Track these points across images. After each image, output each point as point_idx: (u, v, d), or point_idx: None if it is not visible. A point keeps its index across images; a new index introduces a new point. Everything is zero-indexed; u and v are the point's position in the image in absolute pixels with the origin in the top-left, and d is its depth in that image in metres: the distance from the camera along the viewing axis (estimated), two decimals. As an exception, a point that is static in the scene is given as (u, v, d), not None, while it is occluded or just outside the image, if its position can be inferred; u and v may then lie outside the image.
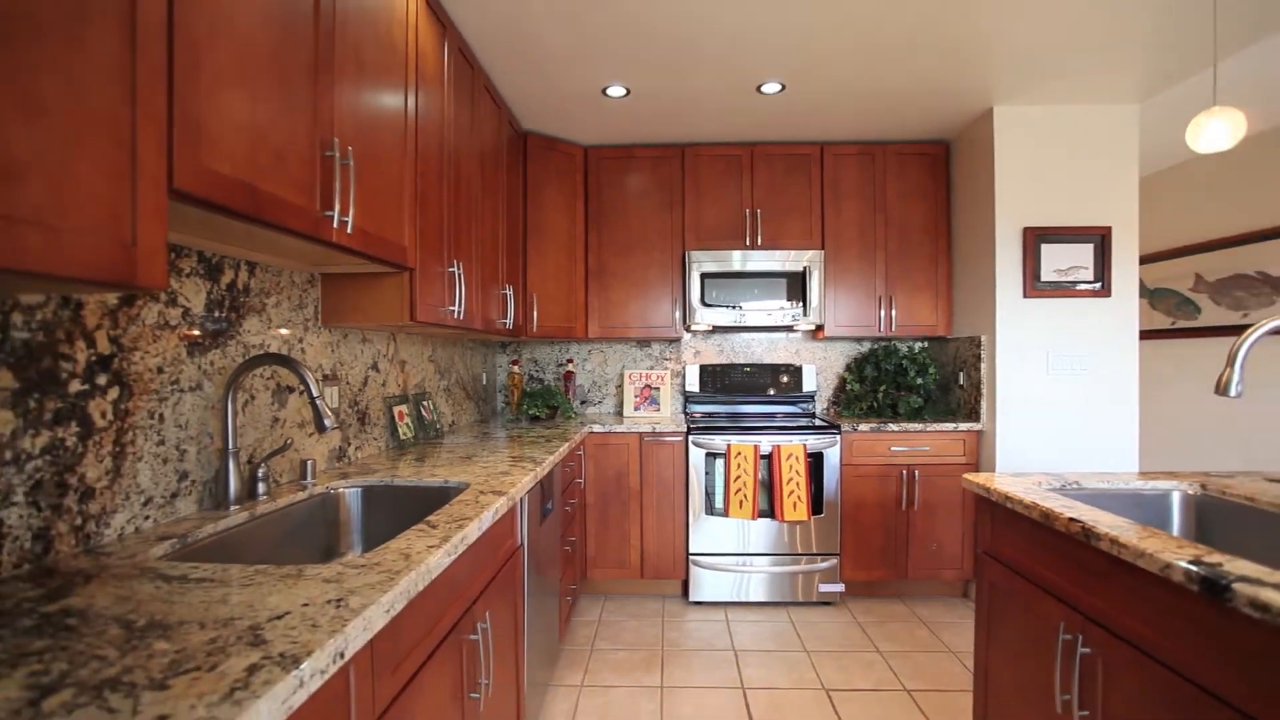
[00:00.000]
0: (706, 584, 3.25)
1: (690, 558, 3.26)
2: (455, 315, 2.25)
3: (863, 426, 3.24)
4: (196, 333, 1.41)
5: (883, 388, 3.59)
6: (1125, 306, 3.14)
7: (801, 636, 2.92)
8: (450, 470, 1.90)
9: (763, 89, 2.93)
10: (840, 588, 3.22)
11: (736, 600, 3.27)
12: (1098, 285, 3.13)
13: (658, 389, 3.78)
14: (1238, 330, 3.80)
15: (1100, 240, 3.12)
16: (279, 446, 1.69)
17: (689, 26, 2.40)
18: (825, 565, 3.22)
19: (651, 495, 3.32)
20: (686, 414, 3.78)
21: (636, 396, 3.79)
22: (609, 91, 2.95)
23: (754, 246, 3.56)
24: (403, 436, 2.42)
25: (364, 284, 1.93)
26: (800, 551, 3.23)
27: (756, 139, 3.58)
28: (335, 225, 1.37)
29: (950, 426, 3.22)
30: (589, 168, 3.64)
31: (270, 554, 1.46)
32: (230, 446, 1.44)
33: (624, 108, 3.14)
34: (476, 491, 1.60)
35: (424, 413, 2.65)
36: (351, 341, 2.14)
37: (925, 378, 3.57)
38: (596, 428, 3.31)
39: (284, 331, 1.75)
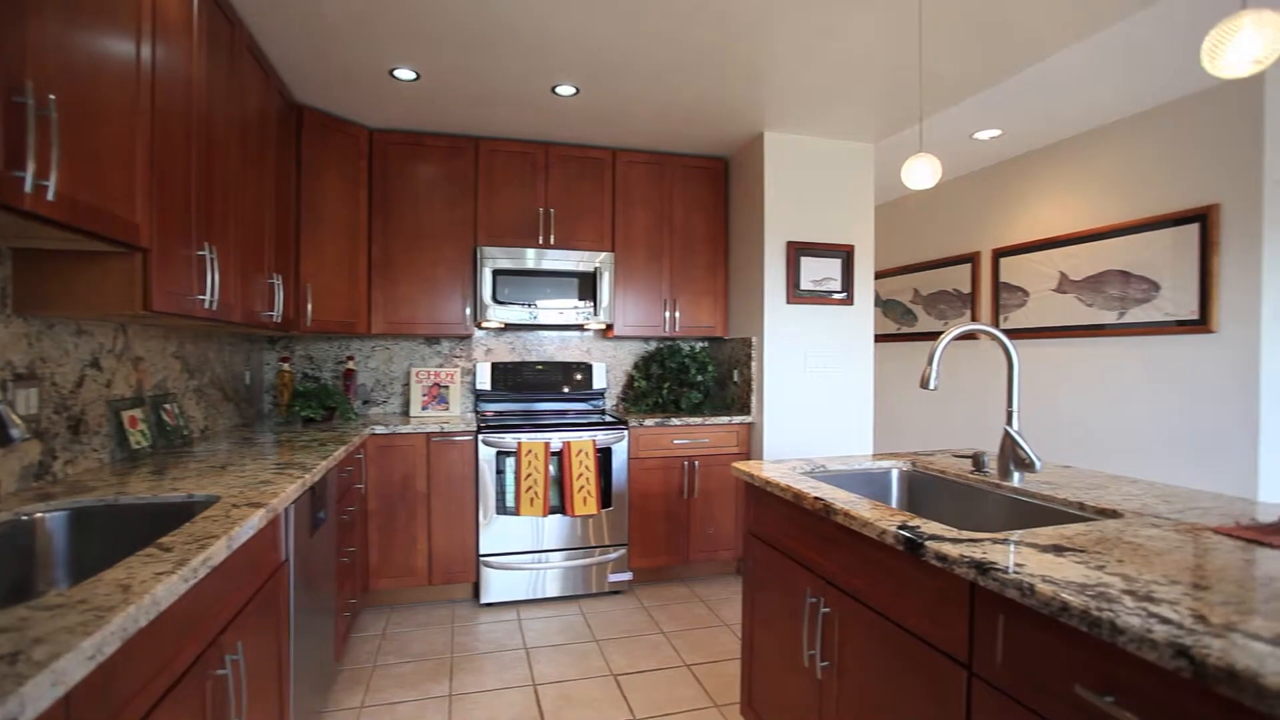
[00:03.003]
0: (499, 585, 3.22)
1: (481, 559, 3.20)
2: (207, 306, 1.96)
3: (649, 421, 3.43)
4: None
5: (667, 385, 3.83)
6: (864, 314, 3.69)
7: (592, 627, 3.01)
8: (198, 482, 1.66)
9: (557, 90, 2.96)
10: (628, 576, 3.38)
11: (531, 598, 3.27)
12: (844, 295, 3.64)
13: (447, 387, 3.65)
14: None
15: (846, 256, 3.64)
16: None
17: (484, 18, 2.34)
18: (615, 556, 3.35)
19: (440, 497, 3.19)
20: (478, 413, 3.70)
21: (424, 395, 3.62)
22: (397, 73, 2.78)
23: (547, 245, 3.58)
24: (135, 446, 2.05)
25: (79, 265, 1.60)
26: (593, 544, 3.33)
27: (552, 139, 3.60)
28: (29, 190, 1.12)
29: (726, 420, 3.54)
30: (375, 152, 3.39)
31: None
32: None
33: (414, 92, 2.98)
34: (229, 505, 1.42)
35: (166, 417, 2.27)
36: (61, 334, 1.76)
37: (705, 375, 3.88)
38: (380, 429, 3.10)
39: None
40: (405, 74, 2.79)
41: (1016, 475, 1.72)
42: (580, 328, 3.91)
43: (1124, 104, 3.16)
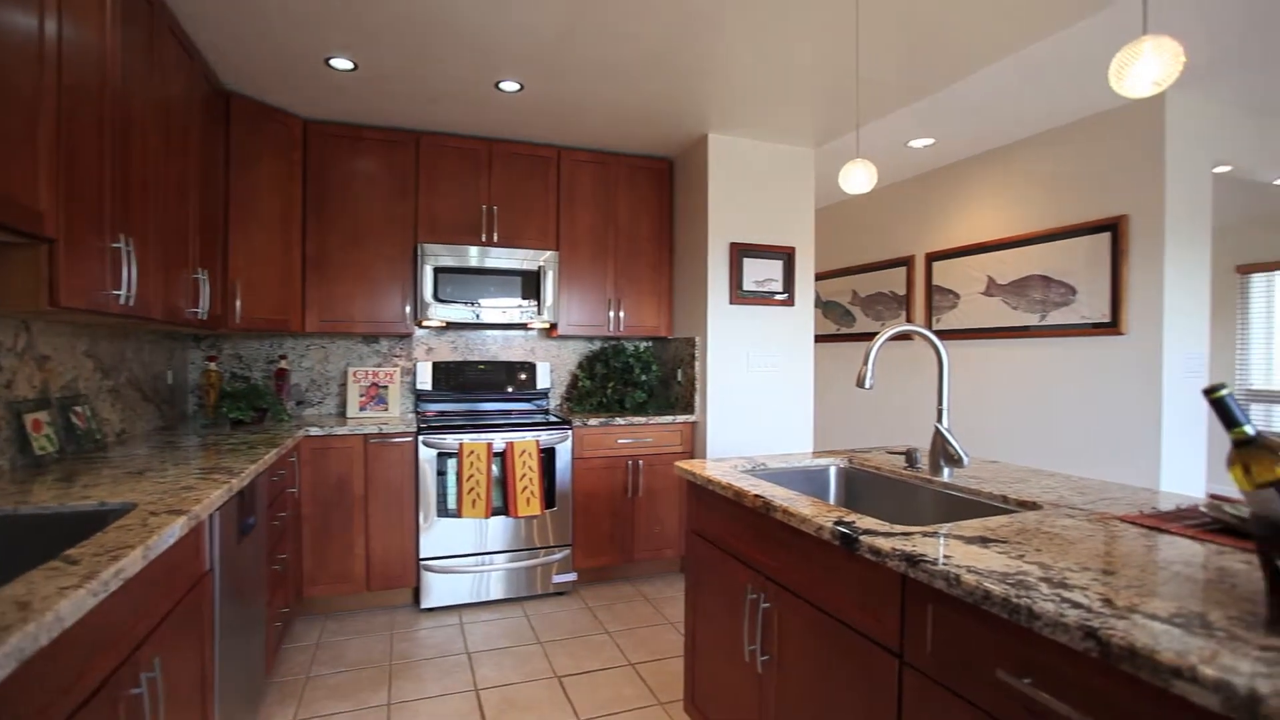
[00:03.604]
0: (440, 589, 3.15)
1: (421, 563, 3.12)
2: (123, 301, 1.85)
3: (593, 421, 3.42)
4: None
5: (611, 384, 3.83)
6: (805, 315, 3.78)
7: (536, 629, 2.98)
8: (112, 489, 1.56)
9: (501, 86, 2.92)
10: (573, 577, 3.36)
11: (474, 602, 3.22)
12: (785, 296, 3.72)
13: (386, 387, 3.54)
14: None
15: (787, 258, 3.72)
16: None
17: (424, 9, 2.29)
18: (559, 556, 3.33)
19: (379, 501, 3.10)
20: (418, 413, 3.61)
21: (362, 396, 3.51)
22: (333, 63, 2.69)
23: (490, 244, 3.53)
24: (40, 451, 1.91)
25: (-27, 256, 1.48)
26: (537, 545, 3.30)
27: (497, 135, 3.55)
28: (-84, 176, 1.03)
29: (670, 419, 3.56)
30: (310, 143, 3.26)
31: None
32: None
33: (352, 83, 2.88)
34: (146, 513, 1.34)
35: (76, 420, 2.13)
36: (-47, 330, 1.63)
37: (649, 375, 3.89)
38: (315, 430, 2.99)
39: None
40: (342, 64, 2.70)
41: (946, 470, 1.79)
42: (524, 327, 3.87)
43: (1045, 118, 3.34)
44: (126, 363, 2.63)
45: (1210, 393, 0.91)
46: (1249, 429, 0.88)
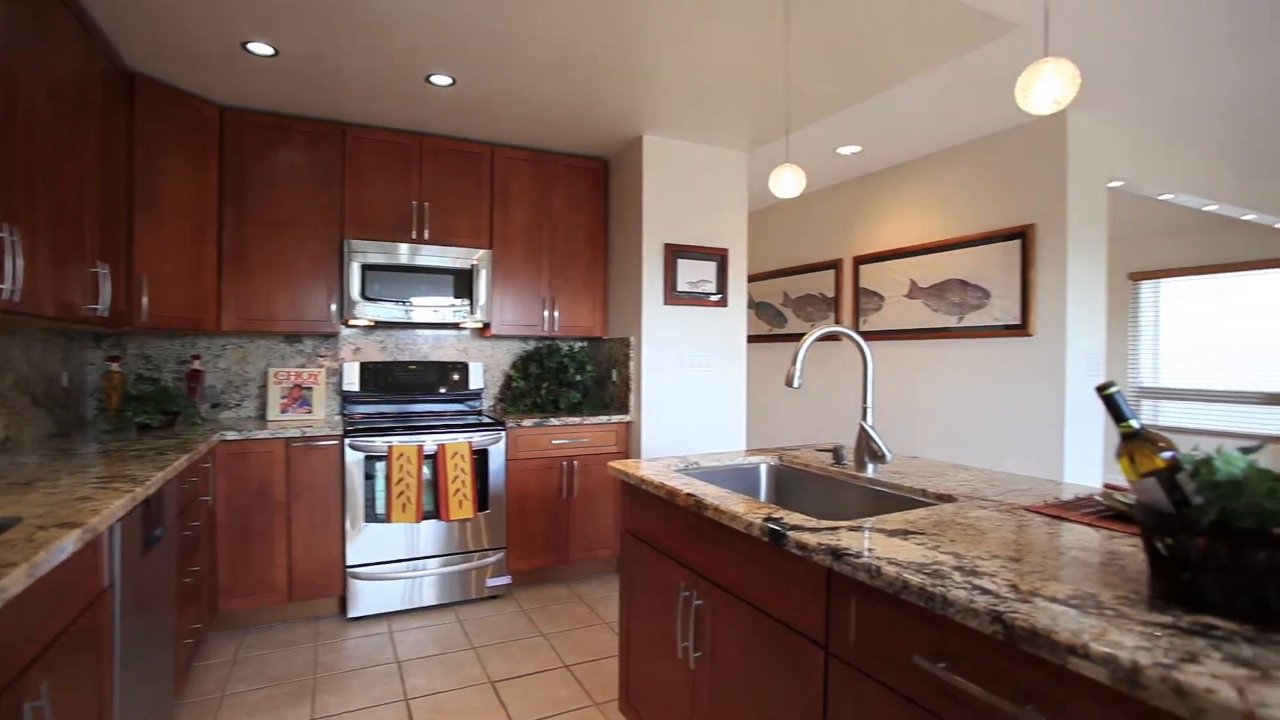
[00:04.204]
0: (368, 596, 3.04)
1: (349, 570, 3.01)
2: (7, 296, 1.70)
3: (527, 422, 3.38)
4: None
5: (546, 385, 3.80)
6: (738, 316, 3.85)
7: (469, 634, 2.92)
8: (-7, 502, 1.43)
9: (433, 80, 2.85)
10: (507, 580, 3.31)
11: (404, 609, 3.12)
12: (719, 297, 3.78)
13: (310, 389, 3.40)
14: (808, 337, 5.00)
15: (721, 259, 3.78)
16: None
17: (347, -5, 2.21)
18: (493, 560, 3.28)
19: (302, 507, 2.97)
20: (345, 415, 3.47)
21: (284, 398, 3.35)
22: (251, 48, 2.55)
23: (421, 240, 3.44)
24: (-91, 461, 1.74)
25: None
26: (471, 549, 3.23)
27: (429, 130, 3.46)
28: None
29: (605, 419, 3.56)
30: (227, 132, 3.09)
31: None
32: None
33: (272, 69, 2.75)
34: (33, 527, 1.23)
35: (-48, 427, 1.94)
36: None
37: (584, 375, 3.88)
38: (232, 435, 2.83)
39: None
40: (261, 49, 2.57)
41: (871, 466, 1.86)
42: (456, 326, 3.78)
43: (963, 131, 3.52)
44: (13, 363, 2.42)
45: (1102, 390, 0.98)
46: (1134, 423, 0.95)
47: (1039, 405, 3.27)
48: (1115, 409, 0.97)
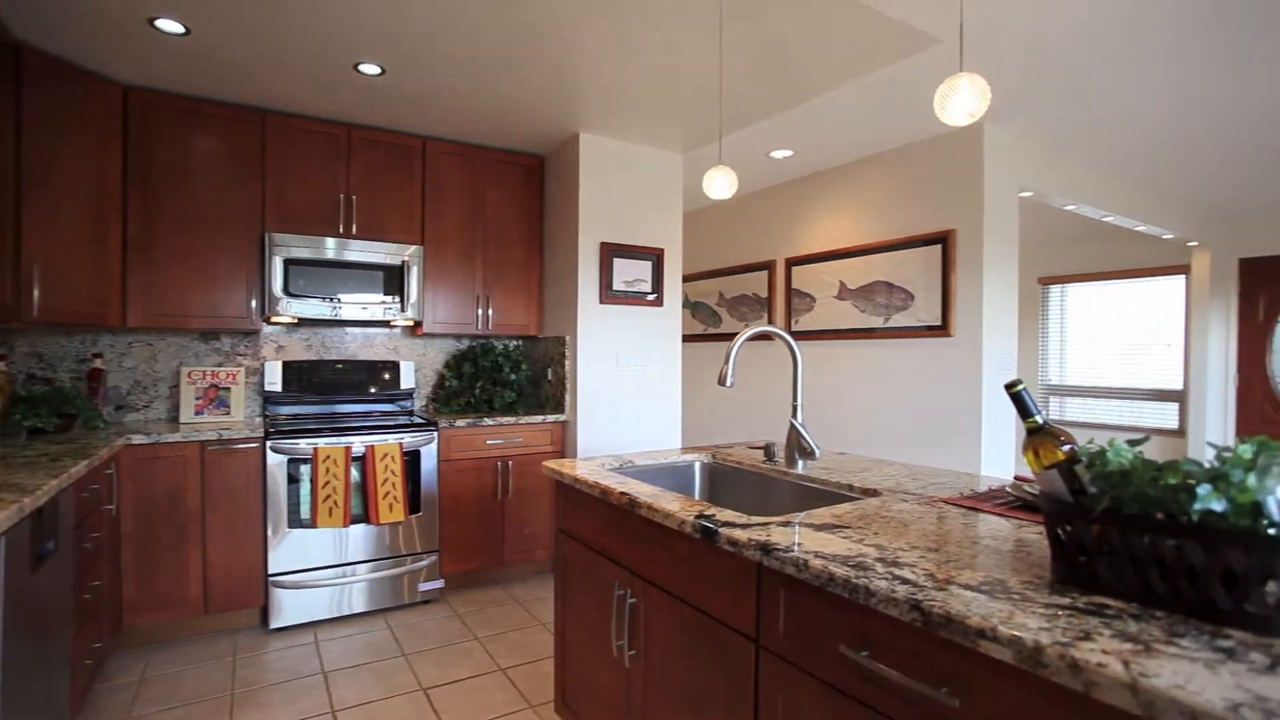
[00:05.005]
0: (292, 606, 2.91)
1: (271, 579, 2.88)
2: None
3: (460, 422, 3.32)
4: None
5: (480, 384, 3.74)
6: (673, 315, 3.89)
7: (400, 641, 2.84)
8: None
9: (361, 68, 2.75)
10: (440, 584, 3.24)
11: (332, 617, 3.01)
12: (654, 297, 3.81)
13: (228, 389, 3.22)
14: (743, 336, 5.11)
15: (657, 259, 3.81)
16: None
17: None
18: (425, 563, 3.20)
19: (219, 514, 2.82)
20: (267, 417, 3.31)
21: (199, 399, 3.16)
22: (159, 24, 2.40)
23: (349, 235, 3.31)
24: None
25: None
26: (403, 553, 3.15)
27: (357, 121, 3.33)
28: None
29: (540, 419, 3.53)
30: (133, 113, 2.89)
31: None
32: None
33: (183, 49, 2.59)
34: (-95, 542, 1.12)
35: None
36: None
37: (519, 374, 3.84)
38: (139, 438, 2.66)
39: None
40: (170, 26, 2.41)
41: (801, 463, 1.92)
42: (387, 324, 3.67)
43: (888, 139, 3.67)
44: (-117, 363, 2.19)
45: (1010, 387, 1.04)
46: (1039, 419, 1.01)
47: (959, 401, 3.45)
48: (1022, 405, 1.03)
